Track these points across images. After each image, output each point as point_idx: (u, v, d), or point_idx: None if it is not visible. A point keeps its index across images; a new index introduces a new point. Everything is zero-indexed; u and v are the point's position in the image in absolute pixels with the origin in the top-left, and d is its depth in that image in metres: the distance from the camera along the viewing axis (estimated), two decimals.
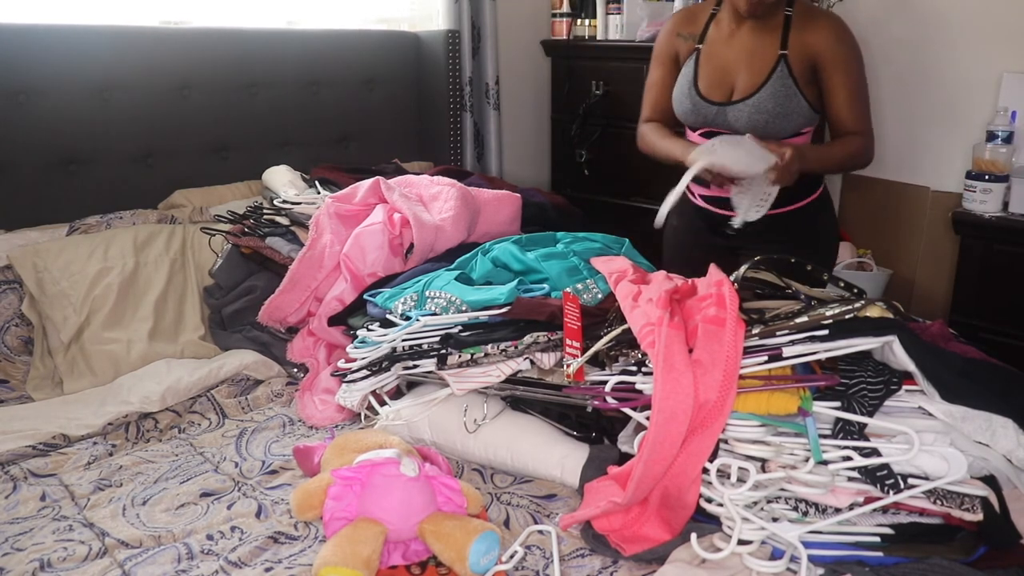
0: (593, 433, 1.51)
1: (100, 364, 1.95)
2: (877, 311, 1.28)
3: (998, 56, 2.32)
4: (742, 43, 1.80)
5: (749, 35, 1.79)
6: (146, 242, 2.15)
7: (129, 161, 2.37)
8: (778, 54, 1.75)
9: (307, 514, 1.32)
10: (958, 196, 2.32)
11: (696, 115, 1.83)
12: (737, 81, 1.80)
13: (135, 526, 1.37)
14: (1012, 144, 2.25)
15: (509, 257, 1.80)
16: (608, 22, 2.98)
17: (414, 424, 1.60)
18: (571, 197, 2.80)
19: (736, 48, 1.81)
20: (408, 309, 1.68)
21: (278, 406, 1.84)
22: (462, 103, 2.93)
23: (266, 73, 2.57)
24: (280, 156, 2.60)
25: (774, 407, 1.21)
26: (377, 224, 1.98)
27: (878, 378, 1.23)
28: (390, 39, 2.89)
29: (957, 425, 1.18)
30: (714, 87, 1.82)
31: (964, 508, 1.14)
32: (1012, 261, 2.16)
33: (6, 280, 2.03)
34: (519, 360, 1.53)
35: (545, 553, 1.27)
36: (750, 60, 1.78)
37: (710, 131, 1.83)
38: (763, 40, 1.77)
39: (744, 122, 1.76)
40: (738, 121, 1.77)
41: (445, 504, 1.30)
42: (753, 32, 1.79)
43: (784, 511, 1.19)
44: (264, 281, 2.12)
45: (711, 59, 1.83)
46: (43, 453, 1.60)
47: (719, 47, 1.83)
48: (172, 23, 2.53)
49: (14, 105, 2.15)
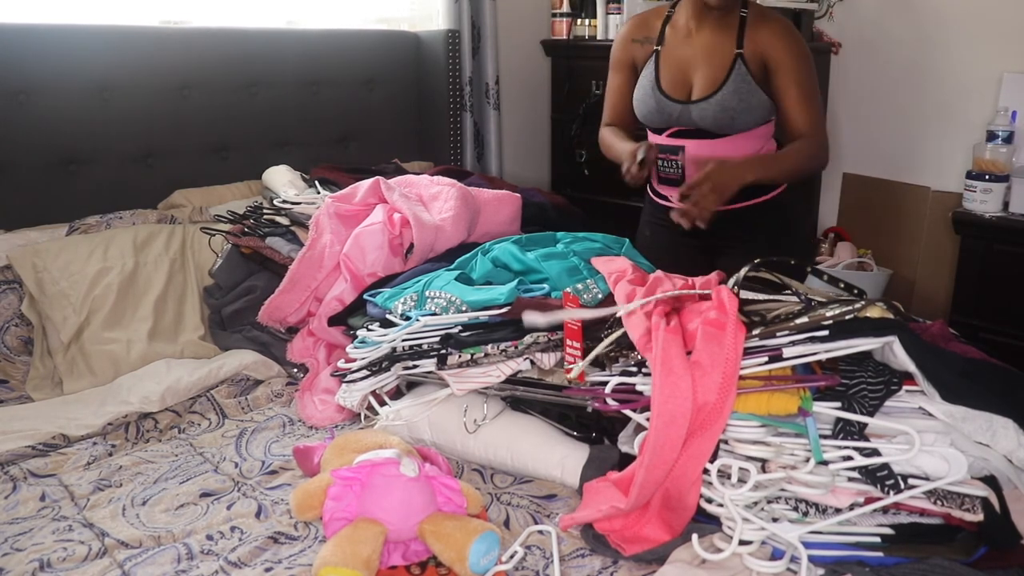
0: (593, 433, 1.51)
1: (100, 364, 1.95)
2: (877, 311, 1.28)
3: (998, 56, 2.32)
4: (700, 43, 1.85)
5: (707, 35, 1.84)
6: (146, 242, 2.15)
7: (129, 161, 2.37)
8: (735, 52, 1.80)
9: (307, 514, 1.32)
10: (958, 196, 2.32)
11: (660, 114, 1.87)
12: (696, 79, 1.85)
13: (135, 526, 1.37)
14: (1012, 144, 2.25)
15: (509, 257, 1.80)
16: (608, 22, 2.99)
17: (414, 424, 1.60)
18: (571, 197, 2.80)
19: (694, 47, 1.86)
20: (408, 309, 1.67)
21: (278, 406, 1.84)
22: (462, 103, 2.93)
23: (266, 73, 2.57)
24: (280, 156, 2.60)
25: (774, 407, 1.21)
26: (377, 224, 1.98)
27: (878, 378, 1.23)
28: (390, 39, 2.89)
29: (957, 425, 1.17)
30: (675, 86, 1.87)
31: (964, 508, 1.14)
32: (1012, 261, 2.16)
33: (6, 280, 2.03)
34: (519, 360, 1.53)
35: (545, 553, 1.27)
36: (709, 59, 1.83)
37: (678, 131, 1.87)
38: (720, 39, 1.82)
39: (710, 119, 1.81)
40: (703, 119, 1.82)
41: (445, 504, 1.29)
42: (711, 32, 1.84)
43: (784, 511, 1.19)
44: (264, 281, 2.12)
45: (670, 59, 1.88)
46: (43, 453, 1.60)
47: (677, 47, 1.88)
48: (172, 23, 2.53)
49: (14, 105, 2.15)
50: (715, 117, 1.80)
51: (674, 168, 1.88)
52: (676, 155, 1.87)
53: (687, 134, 1.87)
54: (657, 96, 1.86)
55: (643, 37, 1.93)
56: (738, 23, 1.82)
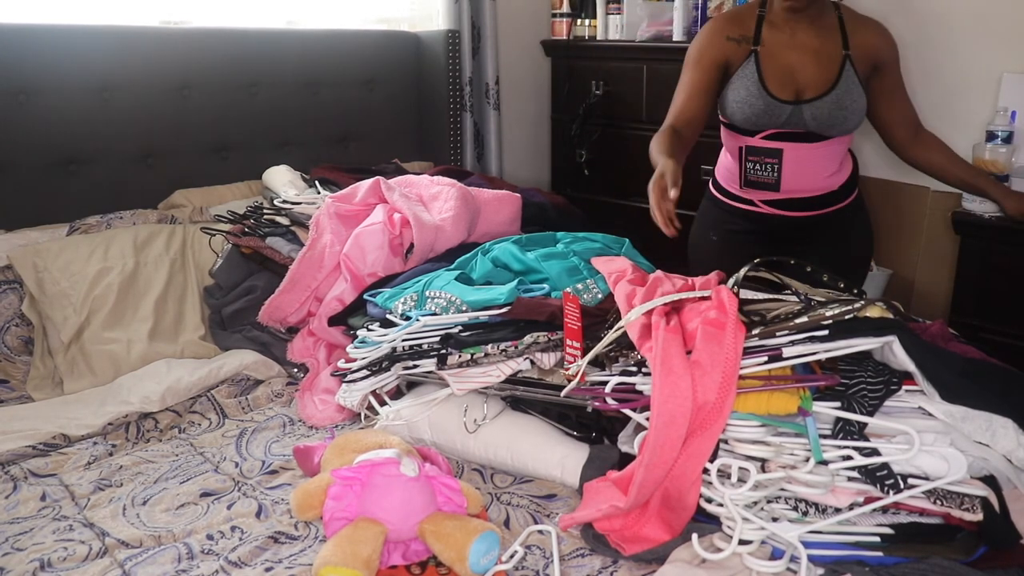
0: (593, 433, 1.51)
1: (100, 364, 1.95)
2: (877, 311, 1.28)
3: (998, 56, 2.32)
4: (805, 43, 1.81)
5: (811, 35, 1.82)
6: (146, 242, 2.15)
7: (129, 161, 2.37)
8: (843, 53, 1.80)
9: (307, 514, 1.32)
10: (958, 196, 2.32)
11: (768, 116, 1.80)
12: (802, 80, 1.80)
13: (135, 526, 1.37)
14: (1012, 144, 2.24)
15: (509, 257, 1.80)
16: (608, 22, 2.98)
17: (414, 424, 1.60)
18: (571, 197, 2.80)
19: (799, 48, 1.81)
20: (408, 309, 1.68)
21: (278, 406, 1.84)
22: (462, 103, 2.93)
23: (266, 73, 2.57)
24: (280, 156, 2.60)
25: (774, 407, 1.21)
26: (377, 224, 1.98)
27: (878, 378, 1.23)
28: (390, 39, 2.89)
29: (957, 425, 1.18)
30: (782, 87, 1.80)
31: (964, 508, 1.14)
32: (1012, 261, 2.15)
33: (6, 280, 2.03)
34: (519, 360, 1.53)
35: (545, 553, 1.27)
36: (816, 59, 1.80)
37: (777, 132, 1.82)
38: (825, 39, 1.81)
39: (824, 118, 1.78)
40: (816, 118, 1.78)
41: (445, 504, 1.30)
42: (814, 32, 1.82)
43: (784, 511, 1.19)
44: (264, 281, 2.12)
45: (774, 59, 1.81)
46: (43, 453, 1.60)
47: (780, 47, 1.82)
48: (172, 23, 2.53)
49: (14, 105, 2.15)
50: (830, 115, 1.78)
51: (769, 172, 1.84)
52: (774, 158, 1.82)
53: (783, 137, 1.82)
54: (765, 98, 1.79)
55: (740, 36, 1.83)
56: (837, 24, 1.82)
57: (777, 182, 1.84)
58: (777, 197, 1.87)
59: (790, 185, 1.84)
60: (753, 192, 1.90)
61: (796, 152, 1.81)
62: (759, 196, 1.90)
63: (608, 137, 2.97)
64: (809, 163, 1.83)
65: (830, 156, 1.85)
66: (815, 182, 1.85)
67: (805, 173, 1.84)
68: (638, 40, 2.84)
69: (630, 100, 2.88)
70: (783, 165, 1.82)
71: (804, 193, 1.86)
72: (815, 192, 1.87)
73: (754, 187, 1.88)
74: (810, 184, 1.85)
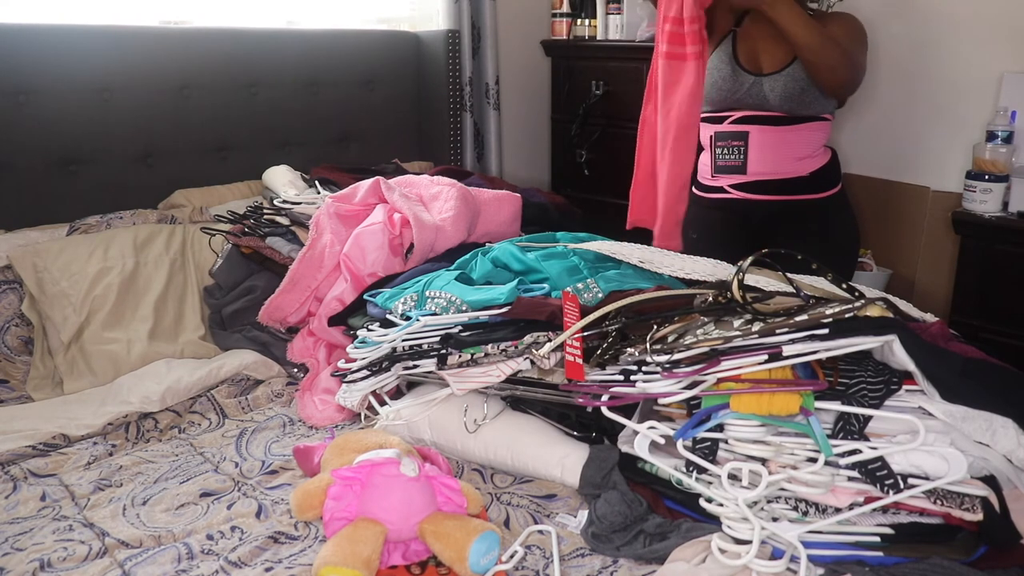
0: (593, 433, 1.51)
1: (100, 364, 1.95)
2: (877, 311, 1.28)
3: (998, 56, 2.32)
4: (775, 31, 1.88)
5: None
6: (146, 242, 2.15)
7: (129, 161, 2.37)
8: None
9: (307, 514, 1.32)
10: (958, 196, 2.32)
11: (733, 82, 1.91)
12: (765, 59, 1.92)
13: (135, 526, 1.37)
14: (1012, 144, 2.24)
15: (509, 257, 1.80)
16: (608, 22, 2.99)
17: (414, 424, 1.60)
18: (571, 197, 2.80)
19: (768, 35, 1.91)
20: (408, 309, 1.68)
21: (278, 406, 1.84)
22: (462, 103, 2.93)
23: (266, 73, 2.57)
24: (280, 156, 2.60)
25: (775, 408, 1.21)
26: (377, 224, 1.98)
27: (878, 378, 1.23)
28: (390, 39, 2.89)
29: (957, 425, 1.17)
30: (748, 61, 1.93)
31: (964, 508, 1.14)
32: (1012, 261, 2.15)
33: (6, 280, 2.03)
34: (519, 360, 1.53)
35: (545, 553, 1.27)
36: (780, 42, 1.88)
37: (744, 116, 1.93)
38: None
39: (780, 90, 1.87)
40: (773, 90, 1.87)
41: (445, 504, 1.30)
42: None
43: (784, 511, 1.19)
44: (264, 281, 2.12)
45: (747, 39, 1.95)
46: (43, 453, 1.60)
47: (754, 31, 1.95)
48: (172, 23, 2.54)
49: (14, 105, 2.15)
50: (784, 89, 1.86)
51: (736, 154, 1.93)
52: (740, 141, 1.92)
53: (750, 120, 1.92)
54: (733, 64, 1.92)
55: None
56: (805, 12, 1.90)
57: (744, 164, 1.92)
58: (744, 180, 1.94)
59: (757, 167, 1.92)
60: (723, 177, 1.99)
61: (762, 135, 1.91)
62: (728, 181, 1.98)
63: (608, 137, 2.97)
64: (774, 146, 1.90)
65: (798, 141, 1.91)
66: (781, 165, 1.92)
67: (770, 156, 1.91)
68: (638, 40, 2.84)
69: (630, 100, 2.88)
70: (749, 147, 1.92)
71: (771, 175, 1.93)
72: (782, 175, 1.93)
73: (723, 172, 1.97)
74: (776, 167, 1.92)
